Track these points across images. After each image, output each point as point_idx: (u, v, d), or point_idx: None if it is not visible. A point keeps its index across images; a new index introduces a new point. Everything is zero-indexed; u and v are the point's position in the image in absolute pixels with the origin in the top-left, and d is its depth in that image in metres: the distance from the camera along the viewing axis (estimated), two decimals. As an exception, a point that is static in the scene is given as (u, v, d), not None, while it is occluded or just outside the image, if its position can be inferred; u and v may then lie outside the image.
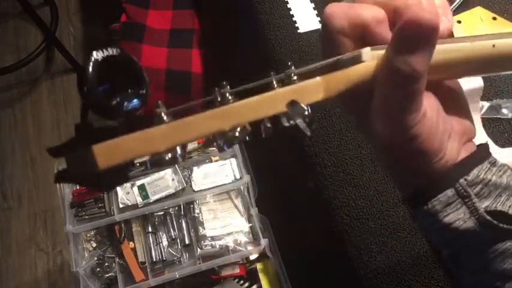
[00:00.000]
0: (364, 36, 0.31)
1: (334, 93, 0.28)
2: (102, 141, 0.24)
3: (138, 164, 1.08)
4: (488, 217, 0.31)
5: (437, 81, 0.33)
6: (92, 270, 1.02)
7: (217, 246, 0.99)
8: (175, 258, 0.99)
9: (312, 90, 0.27)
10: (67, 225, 1.01)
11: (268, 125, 0.27)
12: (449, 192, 0.32)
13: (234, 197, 1.06)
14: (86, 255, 1.03)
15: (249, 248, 0.99)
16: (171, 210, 1.04)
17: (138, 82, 0.27)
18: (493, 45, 0.31)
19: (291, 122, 0.26)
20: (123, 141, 0.24)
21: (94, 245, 1.04)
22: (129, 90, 0.26)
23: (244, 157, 1.06)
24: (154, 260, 0.99)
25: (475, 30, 0.86)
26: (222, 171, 1.06)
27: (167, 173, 1.05)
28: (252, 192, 1.02)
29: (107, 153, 0.23)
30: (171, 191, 1.04)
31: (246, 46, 1.09)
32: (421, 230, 0.34)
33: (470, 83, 0.68)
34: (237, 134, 0.25)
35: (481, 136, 0.73)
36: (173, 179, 1.05)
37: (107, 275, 1.01)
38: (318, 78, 0.27)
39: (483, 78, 0.78)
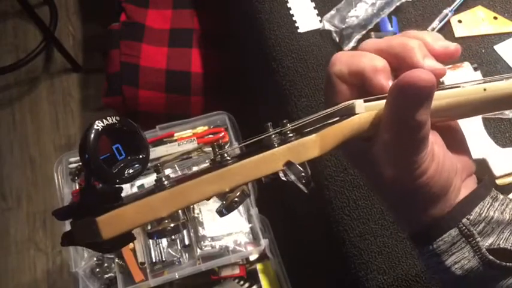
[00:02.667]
0: (363, 84, 0.32)
1: (330, 147, 0.29)
2: (107, 205, 0.25)
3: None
4: (490, 257, 0.32)
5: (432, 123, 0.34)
6: (92, 271, 1.01)
7: (217, 246, 0.99)
8: (175, 258, 0.99)
9: (308, 147, 0.28)
10: (66, 226, 1.01)
11: (267, 178, 0.28)
12: (453, 232, 0.32)
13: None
14: (86, 255, 1.03)
15: (249, 248, 0.99)
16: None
17: (138, 146, 0.28)
18: (484, 89, 0.32)
19: (288, 179, 0.27)
20: (126, 211, 0.25)
21: (93, 245, 1.04)
22: (130, 157, 0.27)
23: (244, 157, 1.06)
24: (154, 260, 0.98)
25: (476, 29, 0.86)
26: (221, 171, 1.06)
27: (167, 173, 1.05)
28: (252, 192, 1.02)
29: (111, 224, 0.24)
30: (171, 191, 1.04)
31: (246, 46, 1.08)
32: (425, 268, 0.35)
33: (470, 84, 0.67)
34: (236, 199, 0.26)
35: (482, 136, 0.72)
36: (173, 179, 1.05)
37: (107, 276, 1.01)
38: (313, 135, 0.28)
39: (483, 78, 0.78)
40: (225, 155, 0.27)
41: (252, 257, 1.01)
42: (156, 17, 1.33)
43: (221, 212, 0.27)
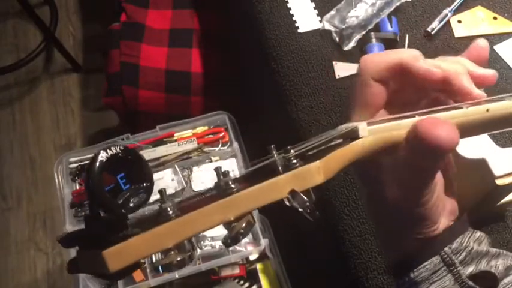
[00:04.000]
0: (404, 75, 0.32)
1: (334, 173, 0.29)
2: (113, 235, 0.25)
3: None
4: (471, 283, 0.32)
5: None
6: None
7: (217, 246, 0.99)
8: (175, 258, 0.99)
9: (312, 174, 0.28)
10: (66, 226, 1.01)
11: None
12: (435, 259, 0.33)
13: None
14: (86, 255, 1.03)
15: (249, 248, 0.99)
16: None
17: (142, 175, 0.28)
18: (487, 110, 0.32)
19: (293, 206, 0.27)
20: (132, 244, 0.25)
21: (93, 245, 1.04)
22: (134, 186, 0.27)
23: (244, 157, 1.06)
24: (154, 260, 0.98)
25: (476, 29, 0.86)
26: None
27: (167, 173, 1.05)
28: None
29: (117, 257, 0.25)
30: (171, 191, 1.04)
31: (246, 46, 1.09)
32: None
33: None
34: (242, 230, 0.26)
35: (482, 136, 0.72)
36: (173, 179, 1.05)
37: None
38: (317, 162, 0.28)
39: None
40: (230, 182, 0.27)
41: (252, 257, 1.01)
42: (156, 17, 1.33)
43: (227, 243, 0.27)
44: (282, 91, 0.85)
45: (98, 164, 0.25)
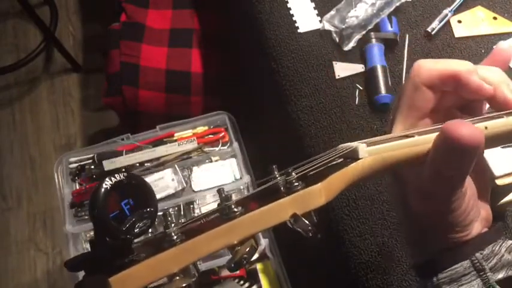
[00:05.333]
0: (456, 87, 0.32)
1: (335, 194, 0.29)
2: (118, 261, 0.26)
3: (137, 164, 1.08)
4: (498, 287, 0.33)
5: None
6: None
7: (217, 246, 0.99)
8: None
9: (313, 197, 0.28)
10: (67, 226, 1.01)
11: None
12: (466, 263, 0.33)
13: (235, 197, 1.06)
14: (86, 255, 1.03)
15: (249, 248, 0.99)
16: (170, 210, 1.04)
17: (146, 200, 0.28)
18: (486, 127, 0.33)
19: (295, 228, 0.28)
20: (137, 270, 0.25)
21: (94, 245, 1.04)
22: (138, 211, 0.28)
23: (244, 157, 1.06)
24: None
25: (476, 29, 0.86)
26: (222, 171, 1.06)
27: (167, 173, 1.05)
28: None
29: (123, 284, 0.25)
30: (171, 191, 1.04)
31: (246, 46, 1.09)
32: None
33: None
34: (245, 255, 0.27)
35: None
36: (173, 179, 1.05)
37: None
38: (318, 184, 0.28)
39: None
40: (233, 206, 0.28)
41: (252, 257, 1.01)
42: (156, 17, 1.33)
43: (231, 268, 0.27)
44: (282, 91, 0.85)
45: (103, 191, 0.26)
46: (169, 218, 0.28)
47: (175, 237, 0.27)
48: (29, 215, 1.63)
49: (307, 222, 0.27)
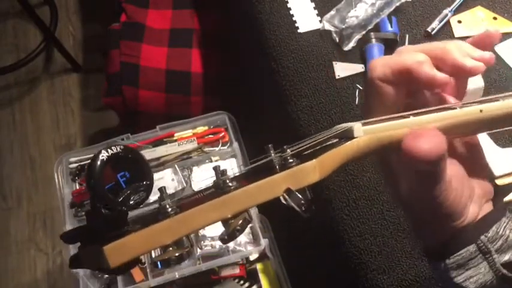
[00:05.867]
0: (409, 80, 0.32)
1: (329, 172, 0.29)
2: (113, 231, 0.26)
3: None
4: (504, 270, 0.33)
5: None
6: (92, 271, 1.01)
7: (217, 246, 0.99)
8: (175, 258, 0.99)
9: (307, 173, 0.28)
10: (67, 226, 1.01)
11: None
12: (472, 248, 0.34)
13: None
14: (86, 255, 1.03)
15: (249, 248, 0.99)
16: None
17: (142, 174, 0.29)
18: (481, 110, 0.33)
19: (289, 204, 0.28)
20: (131, 240, 0.26)
21: (93, 245, 1.04)
22: (134, 184, 0.28)
23: (244, 157, 1.06)
24: (154, 260, 0.98)
25: (476, 29, 0.86)
26: (221, 171, 1.06)
27: (167, 173, 1.05)
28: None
29: (117, 253, 0.25)
30: (171, 191, 1.04)
31: (246, 46, 1.09)
32: (439, 283, 0.36)
33: (471, 84, 0.67)
34: (238, 227, 0.27)
35: (482, 136, 0.72)
36: (173, 179, 1.05)
37: (107, 276, 1.01)
38: (313, 161, 0.28)
39: (483, 78, 0.78)
40: (227, 181, 0.28)
41: (252, 257, 1.01)
42: (156, 17, 1.33)
43: (224, 240, 0.28)
44: (282, 91, 0.85)
45: (99, 162, 0.26)
46: (164, 192, 0.28)
47: (169, 209, 0.27)
48: (29, 215, 1.63)
49: (300, 196, 0.27)
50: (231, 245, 0.99)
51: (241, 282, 1.00)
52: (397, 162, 0.33)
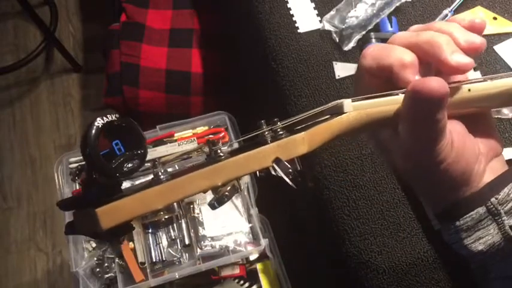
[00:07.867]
0: (390, 78, 0.33)
1: (318, 144, 0.30)
2: (107, 197, 0.27)
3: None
4: None
5: None
6: (92, 271, 1.02)
7: (217, 246, 0.99)
8: (175, 258, 0.99)
9: (296, 144, 0.29)
10: (66, 226, 1.01)
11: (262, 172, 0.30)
12: (481, 210, 0.34)
13: (234, 197, 1.06)
14: (86, 255, 1.03)
15: (249, 248, 0.99)
16: (170, 210, 1.04)
17: (136, 142, 0.29)
18: (469, 90, 0.34)
19: (278, 174, 0.29)
20: (124, 203, 0.26)
21: (94, 245, 1.04)
22: (128, 152, 0.28)
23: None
24: (154, 260, 0.98)
25: (475, 30, 0.86)
26: (221, 171, 1.06)
27: (167, 173, 1.05)
28: (252, 192, 1.02)
29: (109, 215, 0.26)
30: (171, 191, 1.04)
31: (246, 46, 1.09)
32: (448, 244, 0.36)
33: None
34: (227, 193, 0.28)
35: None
36: (173, 179, 1.05)
37: (107, 276, 1.01)
38: (302, 133, 0.29)
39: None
40: (219, 151, 0.29)
41: (252, 257, 1.01)
42: (156, 17, 1.33)
43: (213, 205, 0.29)
44: (282, 91, 0.85)
45: (94, 129, 0.27)
46: (157, 163, 0.29)
47: (162, 177, 0.28)
48: (29, 215, 1.63)
49: (288, 165, 0.28)
50: (231, 245, 0.99)
51: (241, 282, 1.00)
52: (389, 138, 0.34)
